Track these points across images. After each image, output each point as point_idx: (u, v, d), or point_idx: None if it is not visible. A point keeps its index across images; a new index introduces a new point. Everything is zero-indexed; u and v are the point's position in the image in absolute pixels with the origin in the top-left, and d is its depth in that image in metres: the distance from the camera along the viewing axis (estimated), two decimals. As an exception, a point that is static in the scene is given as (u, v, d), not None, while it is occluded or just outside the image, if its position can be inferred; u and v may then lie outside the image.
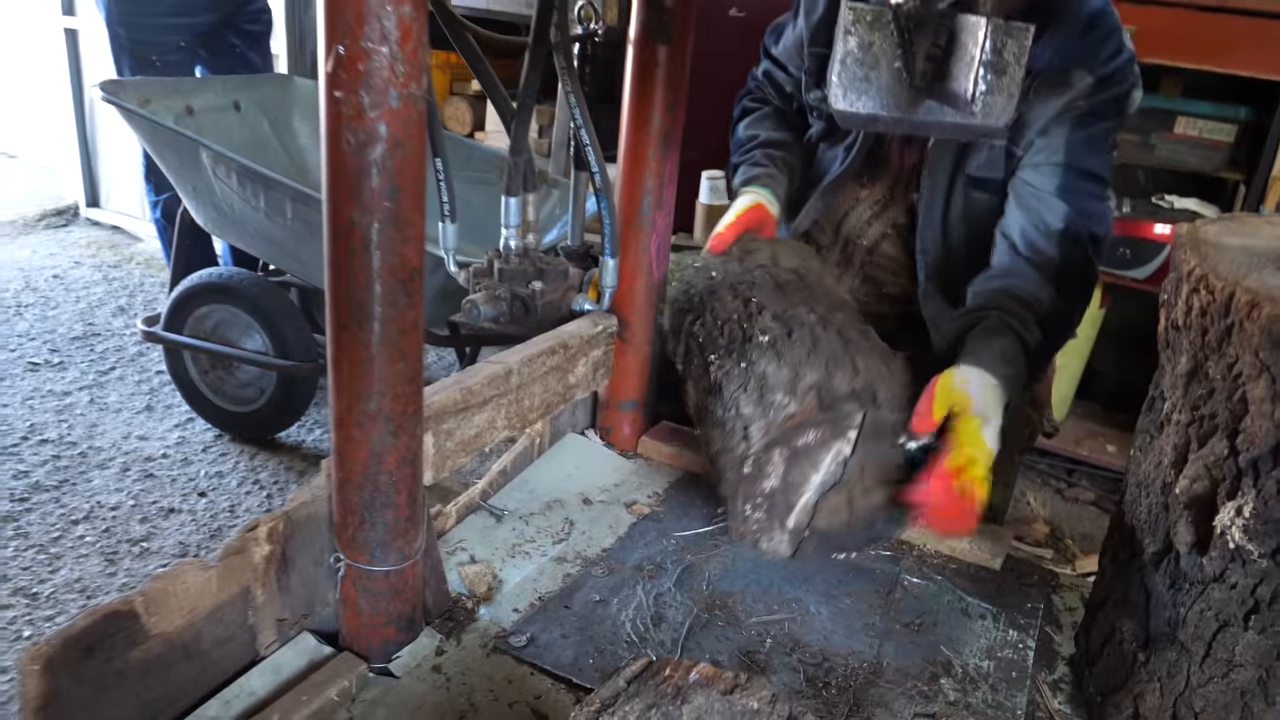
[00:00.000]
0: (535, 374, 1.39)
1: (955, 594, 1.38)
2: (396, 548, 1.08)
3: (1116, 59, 1.41)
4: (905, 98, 1.00)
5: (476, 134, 3.67)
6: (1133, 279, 2.73)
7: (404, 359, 1.00)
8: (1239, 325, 0.89)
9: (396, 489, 1.05)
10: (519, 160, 1.57)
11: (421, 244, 0.99)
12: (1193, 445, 0.99)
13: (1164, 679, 1.06)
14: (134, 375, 3.03)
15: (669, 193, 1.56)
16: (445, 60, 3.64)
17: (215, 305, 2.61)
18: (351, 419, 1.01)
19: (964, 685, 1.21)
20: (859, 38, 0.98)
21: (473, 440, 1.30)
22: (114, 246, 4.16)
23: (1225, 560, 0.96)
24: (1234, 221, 1.10)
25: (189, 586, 1.01)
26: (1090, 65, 1.40)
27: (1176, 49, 2.44)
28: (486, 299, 1.57)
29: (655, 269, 1.58)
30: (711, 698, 0.75)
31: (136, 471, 2.51)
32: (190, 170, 2.39)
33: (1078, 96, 1.43)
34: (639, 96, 1.48)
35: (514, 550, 1.39)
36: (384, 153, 0.91)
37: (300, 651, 1.13)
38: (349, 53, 0.88)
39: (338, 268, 0.96)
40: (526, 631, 1.21)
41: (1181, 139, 2.64)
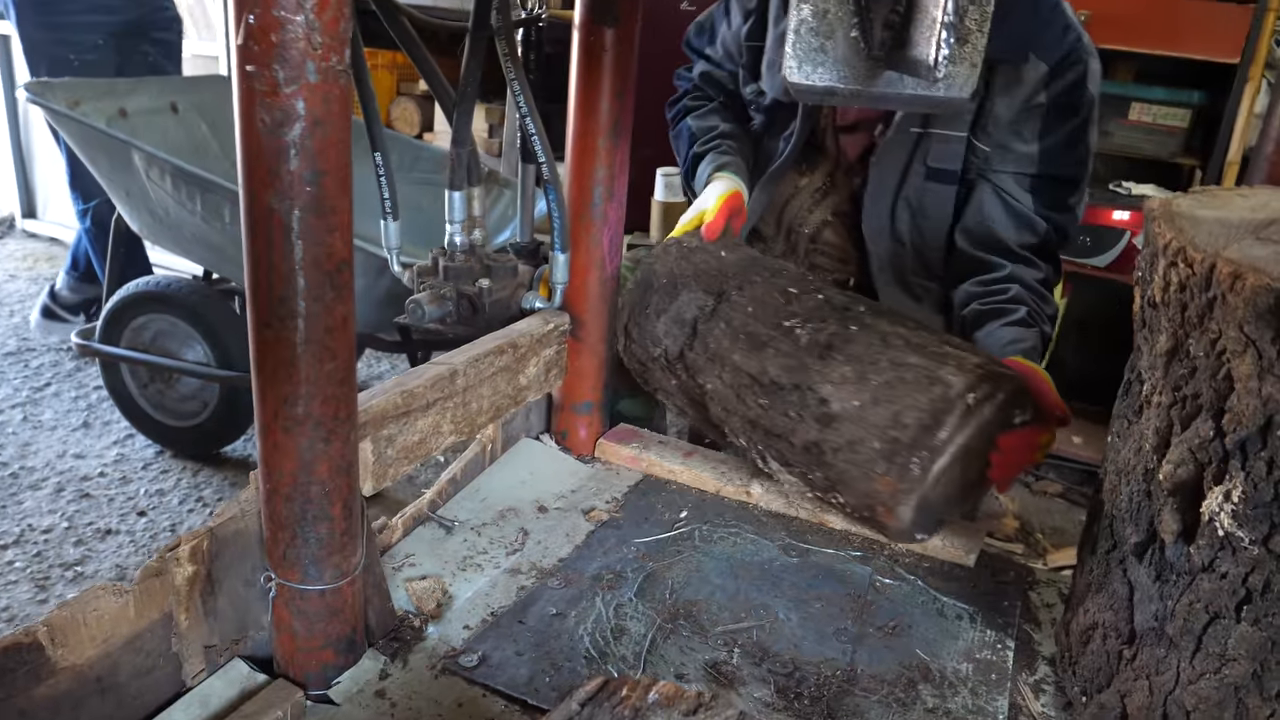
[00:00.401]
0: (483, 375, 1.31)
1: (930, 594, 1.32)
2: (332, 564, 1.00)
3: (1067, 37, 1.43)
4: (863, 69, 0.94)
5: (425, 135, 3.58)
6: (1093, 267, 2.71)
7: (333, 358, 0.92)
8: (1221, 298, 0.84)
9: (330, 500, 0.97)
10: (462, 152, 1.49)
11: (349, 233, 0.91)
12: (1175, 428, 0.93)
13: (1152, 676, 1.01)
14: (71, 391, 2.90)
15: (620, 183, 1.49)
16: (391, 60, 3.54)
17: (153, 315, 2.49)
18: (277, 425, 0.93)
19: (942, 690, 1.15)
20: (814, 5, 0.92)
21: (417, 447, 1.22)
22: (51, 258, 4.01)
23: (1214, 549, 0.91)
24: (1205, 194, 1.05)
25: (102, 613, 0.92)
26: (1041, 50, 1.41)
27: (1128, 34, 2.42)
28: (431, 299, 1.49)
29: (608, 263, 1.51)
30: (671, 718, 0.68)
31: (71, 491, 2.39)
32: (123, 174, 2.29)
33: (1036, 89, 1.44)
34: (586, 83, 1.41)
35: (465, 563, 1.31)
36: (303, 132, 0.83)
37: (231, 680, 1.04)
38: (260, 22, 0.80)
39: (257, 260, 0.88)
40: (478, 650, 1.13)
41: (1136, 125, 2.63)
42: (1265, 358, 0.83)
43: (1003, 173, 1.55)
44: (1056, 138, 1.50)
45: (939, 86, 0.95)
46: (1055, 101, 1.49)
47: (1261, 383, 0.83)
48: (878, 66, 0.94)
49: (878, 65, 0.94)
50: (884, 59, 0.93)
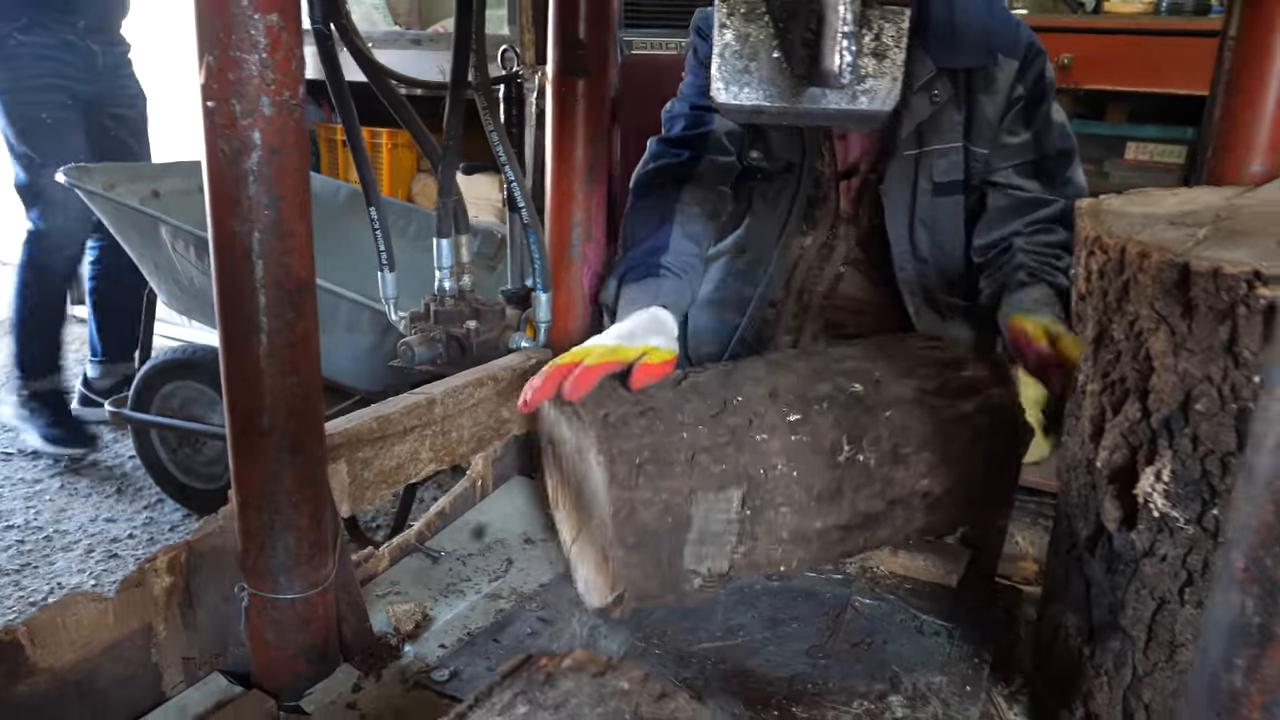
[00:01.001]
0: (462, 405, 1.37)
1: (909, 613, 1.32)
2: (301, 574, 1.04)
3: (1021, 32, 1.57)
4: (787, 87, 0.99)
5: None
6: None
7: (296, 373, 0.98)
8: (1134, 279, 0.87)
9: (298, 510, 1.02)
10: (448, 202, 1.57)
11: (308, 255, 0.98)
12: (1108, 414, 0.95)
13: (1110, 672, 1.00)
14: (108, 461, 3.02)
15: (598, 226, 1.55)
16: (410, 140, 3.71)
17: (181, 382, 2.60)
18: (245, 438, 0.99)
19: (914, 701, 1.14)
20: (735, 30, 0.98)
21: (394, 471, 1.27)
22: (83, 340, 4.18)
23: (1153, 532, 0.92)
24: (1139, 195, 1.09)
25: (81, 619, 0.97)
26: (1007, 48, 1.54)
27: (1116, 75, 2.47)
28: (422, 340, 1.56)
29: (589, 302, 1.57)
30: (582, 681, 0.71)
31: (101, 553, 2.47)
32: (151, 248, 2.42)
33: (1013, 84, 1.55)
34: (560, 132, 1.49)
35: (447, 589, 1.34)
36: (260, 160, 0.91)
37: (209, 692, 1.08)
38: (219, 62, 0.88)
39: (222, 281, 0.95)
40: (450, 665, 1.16)
41: (1134, 164, 2.65)
42: (1178, 334, 0.85)
43: (1005, 168, 1.61)
44: (1040, 122, 1.58)
45: (861, 100, 1.00)
46: (1031, 92, 1.58)
47: (1177, 359, 0.86)
48: (801, 84, 0.99)
49: (801, 83, 0.99)
50: (805, 76, 0.99)
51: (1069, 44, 2.45)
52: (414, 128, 1.57)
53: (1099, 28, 2.51)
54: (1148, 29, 2.45)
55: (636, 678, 0.70)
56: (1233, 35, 1.12)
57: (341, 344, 2.24)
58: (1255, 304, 0.77)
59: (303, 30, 0.95)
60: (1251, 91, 1.12)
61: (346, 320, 2.20)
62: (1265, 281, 0.76)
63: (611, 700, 0.68)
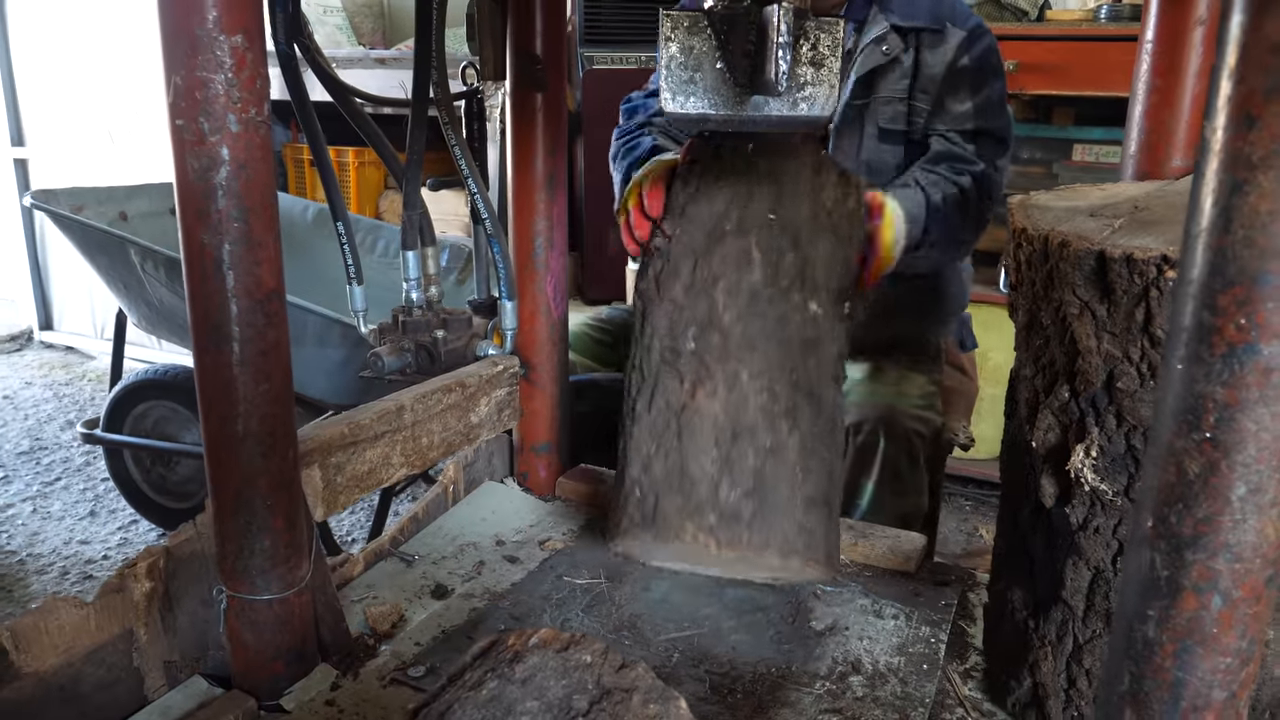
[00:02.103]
0: (431, 411, 1.41)
1: (870, 597, 1.38)
2: (278, 575, 1.08)
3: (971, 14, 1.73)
4: (731, 96, 1.05)
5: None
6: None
7: (268, 380, 1.02)
8: (1056, 268, 0.93)
9: (272, 513, 1.05)
10: (413, 215, 1.61)
11: (277, 266, 1.01)
12: (1041, 396, 1.01)
13: (1054, 642, 1.06)
14: (79, 484, 3.02)
15: (559, 234, 1.60)
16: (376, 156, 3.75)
17: (153, 401, 2.62)
18: (220, 444, 1.02)
19: (873, 681, 1.19)
20: (679, 43, 1.03)
21: (366, 476, 1.30)
22: (66, 366, 4.18)
23: (1086, 506, 0.98)
24: (1067, 190, 1.15)
25: (63, 624, 1.00)
26: (955, 20, 1.73)
27: (1061, 80, 2.56)
28: (391, 350, 1.59)
29: (554, 308, 1.61)
30: (546, 656, 0.75)
31: (75, 574, 2.48)
32: (121, 269, 2.44)
33: (959, 52, 1.70)
34: (520, 143, 1.54)
35: (422, 590, 1.38)
36: (228, 175, 0.95)
37: (190, 695, 1.11)
38: (186, 82, 0.92)
39: (194, 292, 0.99)
40: (426, 662, 1.20)
41: (1081, 165, 2.74)
42: (1098, 317, 0.91)
43: (947, 131, 1.75)
44: (985, 95, 1.71)
45: (802, 106, 1.06)
46: (977, 64, 1.72)
47: (1099, 341, 0.91)
48: (744, 93, 1.05)
49: (744, 92, 1.05)
50: (748, 85, 1.04)
51: (1014, 51, 2.53)
52: (379, 144, 1.61)
53: (1042, 35, 2.61)
54: (1089, 35, 2.54)
55: (598, 650, 0.74)
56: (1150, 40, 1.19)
57: (312, 359, 2.26)
58: (1166, 286, 0.83)
59: (267, 50, 0.99)
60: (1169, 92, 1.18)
61: (317, 335, 2.23)
62: (1173, 265, 0.82)
63: (575, 672, 0.72)
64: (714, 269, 1.29)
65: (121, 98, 4.11)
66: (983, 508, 2.95)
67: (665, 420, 1.30)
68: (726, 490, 1.27)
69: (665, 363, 1.31)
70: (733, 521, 1.27)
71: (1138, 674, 0.67)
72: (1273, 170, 0.54)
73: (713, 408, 1.28)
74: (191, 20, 0.90)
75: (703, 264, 1.30)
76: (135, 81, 4.04)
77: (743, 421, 1.27)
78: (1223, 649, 0.64)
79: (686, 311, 1.30)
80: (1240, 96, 0.55)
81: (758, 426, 1.26)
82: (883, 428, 1.69)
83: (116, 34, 4.04)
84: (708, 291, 1.29)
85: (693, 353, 1.29)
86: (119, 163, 4.06)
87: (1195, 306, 0.59)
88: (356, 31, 4.21)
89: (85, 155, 4.24)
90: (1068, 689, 1.04)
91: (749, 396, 1.27)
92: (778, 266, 1.28)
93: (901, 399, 1.77)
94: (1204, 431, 0.60)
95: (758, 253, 1.29)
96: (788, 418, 1.27)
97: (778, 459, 1.26)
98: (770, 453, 1.26)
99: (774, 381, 1.27)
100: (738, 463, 1.26)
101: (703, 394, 1.29)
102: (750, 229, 1.29)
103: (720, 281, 1.29)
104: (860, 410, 1.73)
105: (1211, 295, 0.58)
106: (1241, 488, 0.60)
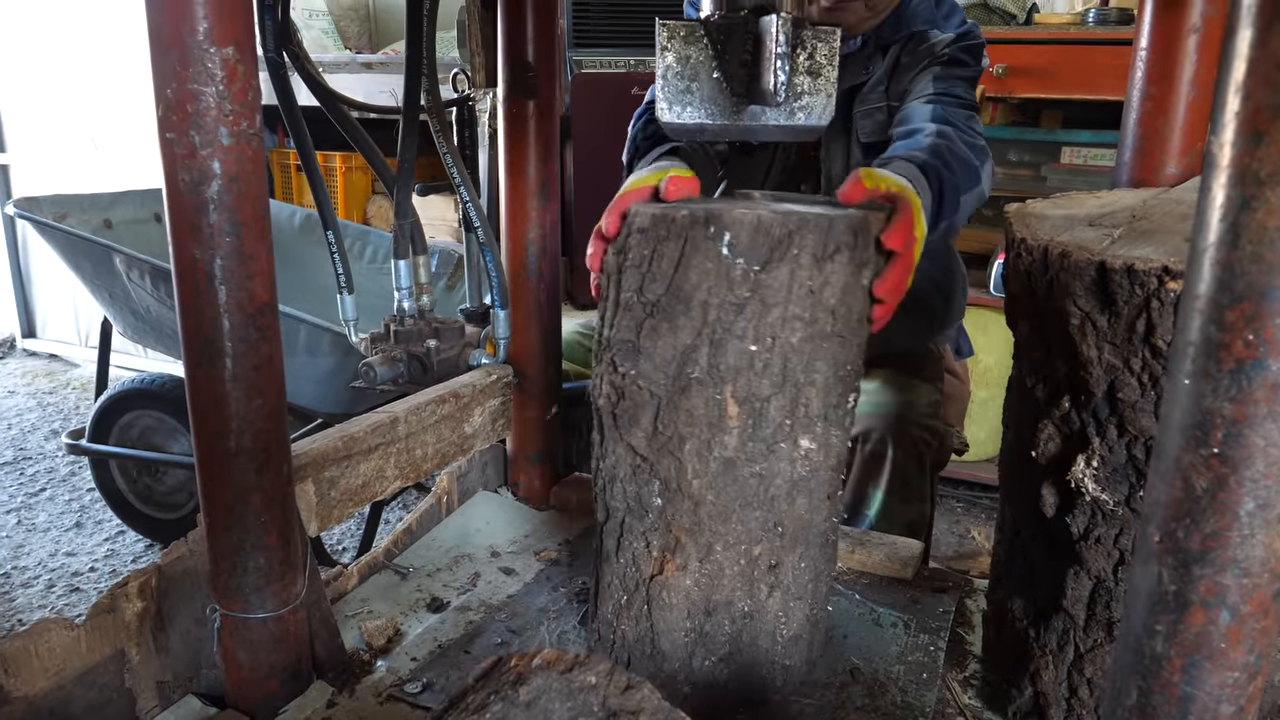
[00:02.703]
0: (425, 422, 1.39)
1: (867, 606, 1.37)
2: (273, 593, 1.06)
3: (966, 25, 1.67)
4: (728, 106, 1.04)
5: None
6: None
7: (261, 395, 1.01)
8: (1057, 278, 0.93)
9: (266, 530, 1.04)
10: (404, 224, 1.60)
11: (270, 279, 1.00)
12: (1042, 406, 1.01)
13: (1055, 651, 1.05)
14: (65, 494, 2.99)
15: (552, 242, 1.59)
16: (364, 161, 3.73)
17: (140, 411, 2.59)
18: (212, 460, 1.01)
19: (873, 690, 1.19)
20: (676, 53, 1.03)
21: (360, 490, 1.29)
22: (50, 374, 4.14)
23: (1087, 516, 0.97)
24: (1063, 198, 1.15)
25: (54, 646, 0.99)
26: (944, 27, 1.65)
27: (1049, 84, 2.57)
28: (383, 360, 1.58)
29: (546, 318, 1.60)
30: (550, 678, 0.74)
31: (62, 587, 2.45)
32: (106, 278, 2.41)
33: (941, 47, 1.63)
34: (513, 150, 1.53)
35: (417, 604, 1.36)
36: (220, 189, 0.94)
37: (183, 715, 1.09)
38: (176, 96, 0.91)
39: (186, 306, 0.97)
40: (423, 678, 1.18)
41: (1069, 168, 2.75)
42: (1099, 328, 0.90)
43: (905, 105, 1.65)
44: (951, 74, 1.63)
45: (799, 116, 1.05)
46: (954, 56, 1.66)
47: (1100, 352, 0.91)
48: (741, 102, 1.04)
49: (741, 101, 1.04)
50: (745, 95, 1.04)
51: (1002, 55, 2.54)
52: (368, 152, 1.60)
53: (1030, 38, 2.62)
54: (1076, 39, 2.56)
55: (603, 671, 0.73)
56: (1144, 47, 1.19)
57: (303, 368, 2.25)
58: (1166, 297, 0.83)
59: (258, 60, 0.98)
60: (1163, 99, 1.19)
61: (307, 344, 2.21)
62: (1174, 276, 0.82)
63: (580, 695, 0.71)
64: (680, 427, 1.02)
65: (105, 103, 4.08)
66: (974, 509, 2.96)
67: (634, 581, 1.12)
68: (700, 660, 1.11)
69: (631, 512, 1.10)
70: (706, 689, 1.12)
71: (1145, 689, 0.66)
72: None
73: (684, 583, 1.08)
74: (182, 32, 0.88)
75: (666, 414, 1.02)
76: (119, 87, 4.01)
77: (716, 597, 1.09)
78: (1230, 664, 0.64)
79: (651, 465, 1.06)
80: (1248, 112, 0.55)
81: (734, 598, 1.09)
82: (892, 436, 1.69)
83: (99, 39, 4.00)
84: (673, 452, 1.03)
85: (660, 512, 1.07)
86: (102, 169, 4.02)
87: (1203, 322, 0.58)
88: (342, 36, 4.19)
89: (68, 161, 4.20)
90: (1069, 698, 1.04)
91: (724, 568, 1.07)
92: (760, 417, 1.01)
93: (910, 409, 1.76)
94: (1212, 447, 0.59)
95: (734, 405, 1.00)
96: (769, 576, 1.09)
97: (756, 621, 1.10)
98: (748, 617, 1.10)
99: (753, 545, 1.07)
100: (712, 635, 1.10)
101: (672, 567, 1.08)
102: (726, 375, 0.99)
103: (687, 444, 1.02)
104: (869, 420, 1.72)
105: (1219, 311, 0.57)
106: (1250, 503, 0.60)
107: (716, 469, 1.03)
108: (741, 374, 0.99)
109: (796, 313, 0.97)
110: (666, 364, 1.01)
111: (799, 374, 1.00)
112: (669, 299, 0.99)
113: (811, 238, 0.94)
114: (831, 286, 0.97)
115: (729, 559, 1.07)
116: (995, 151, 2.01)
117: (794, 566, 1.09)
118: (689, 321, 0.99)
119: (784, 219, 0.94)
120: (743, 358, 0.98)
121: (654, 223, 0.98)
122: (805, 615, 1.14)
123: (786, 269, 0.95)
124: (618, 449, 1.08)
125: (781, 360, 0.99)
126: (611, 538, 1.14)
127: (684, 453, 1.03)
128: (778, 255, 0.94)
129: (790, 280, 0.95)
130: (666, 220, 0.97)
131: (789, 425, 1.02)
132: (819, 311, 0.98)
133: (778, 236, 0.94)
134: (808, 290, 0.96)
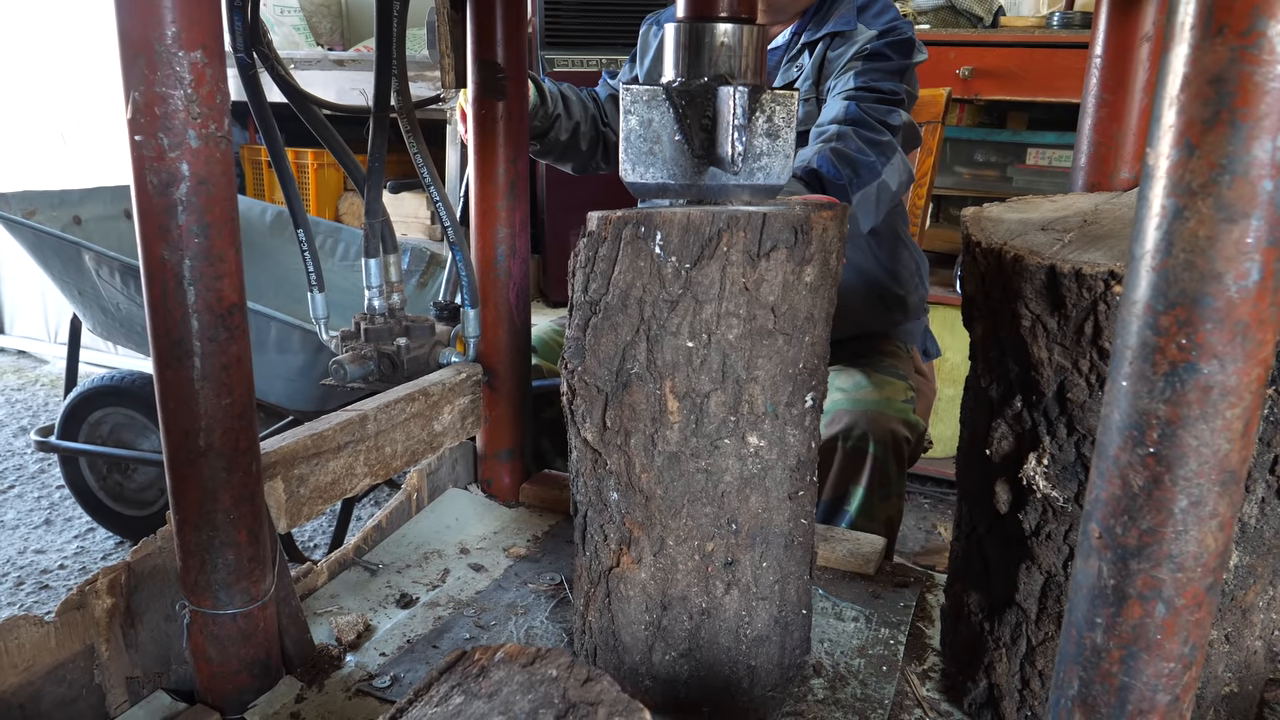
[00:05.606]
0: (395, 420, 1.41)
1: (830, 600, 1.40)
2: (242, 589, 1.07)
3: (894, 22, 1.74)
4: (689, 167, 1.07)
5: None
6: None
7: (230, 394, 1.02)
8: (1009, 282, 0.95)
9: (235, 527, 1.05)
10: (375, 223, 1.61)
11: (239, 280, 1.01)
12: (997, 406, 1.03)
13: (1008, 644, 1.08)
14: (34, 492, 2.96)
15: (522, 241, 1.60)
16: (337, 159, 3.72)
17: (109, 409, 2.58)
18: (181, 458, 1.02)
19: (834, 683, 1.22)
20: (639, 116, 1.05)
21: (330, 487, 1.30)
22: (18, 370, 4.09)
23: (1038, 512, 1.00)
24: (1019, 201, 1.18)
25: (23, 643, 0.99)
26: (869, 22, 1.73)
27: (1014, 86, 2.61)
28: (353, 359, 1.59)
29: (516, 316, 1.62)
30: (512, 670, 0.76)
31: (31, 584, 2.43)
32: (75, 275, 2.40)
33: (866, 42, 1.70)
34: (482, 151, 1.54)
35: (386, 600, 1.38)
36: (188, 190, 0.95)
37: (153, 710, 1.10)
38: (145, 98, 0.92)
39: (155, 307, 0.98)
40: (391, 672, 1.20)
41: (1034, 169, 2.80)
42: (1050, 330, 0.93)
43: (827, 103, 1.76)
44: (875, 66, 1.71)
45: (758, 176, 1.09)
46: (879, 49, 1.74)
47: (1050, 353, 0.94)
48: (702, 164, 1.07)
49: (702, 163, 1.07)
50: (706, 157, 1.07)
51: (969, 57, 2.58)
52: (339, 151, 1.61)
53: (996, 41, 2.66)
54: (1041, 42, 2.60)
55: (564, 664, 0.75)
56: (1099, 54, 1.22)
57: (273, 365, 2.24)
58: (1113, 300, 0.86)
59: (226, 61, 0.99)
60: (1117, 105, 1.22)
61: (277, 341, 2.21)
62: (1119, 280, 0.85)
63: (541, 686, 0.73)
64: (625, 422, 1.05)
65: (73, 98, 4.04)
66: (940, 505, 3.00)
67: (597, 573, 1.16)
68: (661, 654, 1.13)
69: (591, 505, 1.14)
70: (667, 685, 1.15)
71: (1086, 679, 0.69)
72: (1211, 197, 0.57)
73: (639, 576, 1.12)
74: (150, 36, 0.89)
75: (613, 409, 1.06)
76: (88, 81, 3.97)
77: (671, 592, 1.11)
78: (1166, 654, 0.67)
79: (604, 459, 1.09)
80: (1181, 125, 0.57)
81: (689, 593, 1.11)
82: (872, 432, 1.71)
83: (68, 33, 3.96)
84: (620, 446, 1.07)
85: (617, 505, 1.10)
86: (71, 164, 3.98)
87: (1139, 326, 0.61)
88: (314, 32, 4.17)
89: (36, 156, 4.15)
90: (1021, 689, 1.07)
91: (677, 562, 1.10)
92: (701, 413, 1.03)
93: (889, 404, 1.79)
94: (1148, 447, 0.62)
95: (674, 400, 1.03)
96: (725, 574, 1.11)
97: (715, 618, 1.13)
98: (705, 614, 1.12)
99: (705, 540, 1.09)
100: (670, 629, 1.13)
101: (628, 559, 1.12)
102: (664, 371, 1.02)
103: (633, 438, 1.06)
104: (850, 416, 1.74)
105: (1155, 316, 0.60)
106: (1183, 500, 0.62)
107: (662, 463, 1.06)
108: (679, 369, 1.02)
109: (731, 309, 1.00)
110: (610, 360, 1.05)
111: (739, 370, 1.03)
112: (609, 298, 1.03)
113: (743, 235, 0.98)
114: (769, 284, 1.00)
115: (681, 554, 1.10)
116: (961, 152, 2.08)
117: (753, 565, 1.12)
118: (627, 319, 1.02)
119: (713, 217, 0.98)
120: (679, 353, 1.02)
121: (598, 225, 1.03)
122: (772, 617, 1.16)
123: (717, 266, 0.98)
124: (578, 443, 1.13)
125: (720, 356, 1.02)
126: (579, 530, 1.18)
127: (630, 447, 1.07)
128: (708, 253, 0.98)
129: (722, 277, 0.99)
130: (606, 222, 1.02)
131: (733, 421, 1.04)
132: (756, 308, 1.00)
133: (707, 235, 0.98)
134: (741, 287, 0.99)
